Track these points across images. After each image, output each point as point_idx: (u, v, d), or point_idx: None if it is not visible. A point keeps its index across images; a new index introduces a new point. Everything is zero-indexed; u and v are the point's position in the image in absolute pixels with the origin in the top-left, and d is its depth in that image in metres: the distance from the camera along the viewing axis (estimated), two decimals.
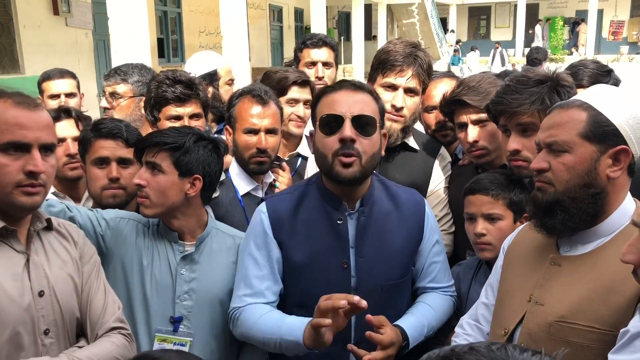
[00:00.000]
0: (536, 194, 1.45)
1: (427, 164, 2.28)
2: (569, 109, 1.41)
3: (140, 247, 1.81)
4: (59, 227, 1.56)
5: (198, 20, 13.58)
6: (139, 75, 2.79)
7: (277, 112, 2.21)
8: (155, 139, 1.79)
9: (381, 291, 1.74)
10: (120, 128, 2.01)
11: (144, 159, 1.79)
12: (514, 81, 1.84)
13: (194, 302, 1.80)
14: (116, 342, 1.51)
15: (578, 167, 1.38)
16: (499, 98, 1.83)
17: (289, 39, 19.23)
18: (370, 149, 1.67)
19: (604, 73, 2.64)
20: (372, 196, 1.76)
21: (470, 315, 1.71)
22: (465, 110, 2.06)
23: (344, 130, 1.64)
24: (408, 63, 2.19)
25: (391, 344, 1.63)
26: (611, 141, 1.38)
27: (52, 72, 3.41)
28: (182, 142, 1.76)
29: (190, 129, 1.89)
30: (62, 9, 9.28)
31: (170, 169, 1.76)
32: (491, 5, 30.28)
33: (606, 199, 1.40)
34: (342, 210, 1.73)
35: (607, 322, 1.31)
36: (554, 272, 1.45)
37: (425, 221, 1.84)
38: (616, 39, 27.54)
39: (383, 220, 1.76)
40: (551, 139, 1.41)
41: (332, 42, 3.15)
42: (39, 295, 1.43)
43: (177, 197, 1.77)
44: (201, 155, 1.79)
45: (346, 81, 1.76)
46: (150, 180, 1.75)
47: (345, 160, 1.64)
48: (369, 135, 1.67)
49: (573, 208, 1.39)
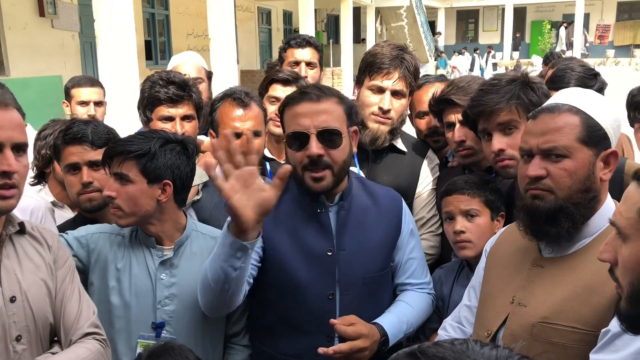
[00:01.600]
0: (535, 202, 1.41)
1: (414, 166, 2.30)
2: (561, 113, 1.40)
3: (116, 256, 1.79)
4: (33, 230, 1.53)
5: (186, 22, 13.55)
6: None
7: (260, 114, 2.19)
8: (119, 147, 1.74)
9: (362, 283, 1.75)
10: (85, 131, 1.96)
11: (112, 170, 1.76)
12: (486, 85, 1.89)
13: (175, 306, 1.77)
14: (91, 348, 1.48)
15: (579, 172, 1.37)
16: (475, 101, 1.86)
17: (278, 41, 19.22)
18: (340, 157, 1.68)
19: (590, 76, 2.66)
20: (350, 190, 1.79)
21: (453, 317, 1.71)
22: (453, 110, 2.07)
23: (310, 148, 1.65)
24: (395, 66, 2.20)
25: (359, 336, 1.65)
26: (602, 144, 1.39)
27: (83, 80, 3.55)
28: (148, 148, 1.72)
29: (155, 132, 1.84)
30: (48, 10, 9.20)
31: (138, 177, 1.72)
32: (479, 9, 30.49)
33: (599, 202, 1.40)
34: (322, 201, 1.75)
35: (589, 323, 1.31)
36: (536, 274, 1.46)
37: (402, 217, 1.87)
38: (602, 42, 27.86)
39: (362, 214, 1.79)
40: (550, 145, 1.39)
41: (316, 42, 3.14)
42: (11, 301, 1.40)
43: (149, 205, 1.74)
44: (169, 159, 1.75)
45: (307, 91, 1.74)
46: (120, 191, 1.72)
47: (314, 175, 1.66)
48: (336, 147, 1.67)
49: (577, 214, 1.38)
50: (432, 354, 0.65)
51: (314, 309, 1.71)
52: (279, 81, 2.54)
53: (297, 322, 1.73)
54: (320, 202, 1.74)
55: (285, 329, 1.76)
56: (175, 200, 1.81)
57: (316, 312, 1.71)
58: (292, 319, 1.74)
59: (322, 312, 1.71)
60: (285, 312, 1.75)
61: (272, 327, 1.80)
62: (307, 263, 1.72)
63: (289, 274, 1.72)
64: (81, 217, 2.05)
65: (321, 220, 1.74)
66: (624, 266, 1.01)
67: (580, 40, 24.57)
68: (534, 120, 1.45)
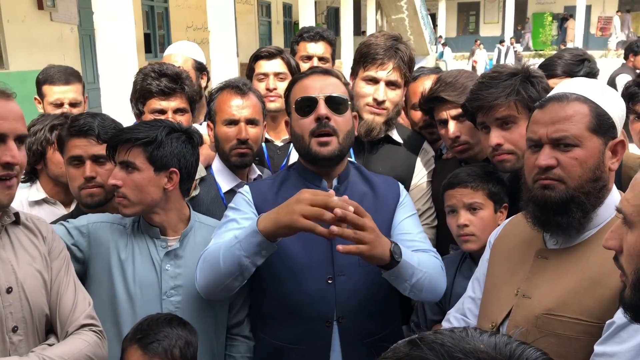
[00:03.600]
0: (545, 192, 1.39)
1: (410, 158, 2.29)
2: (569, 102, 1.39)
3: (118, 246, 1.78)
4: (27, 221, 1.53)
5: (185, 15, 13.50)
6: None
7: (258, 103, 2.17)
8: (126, 135, 1.73)
9: (359, 265, 1.71)
10: (92, 124, 1.94)
11: (117, 158, 1.74)
12: (486, 77, 1.88)
13: (182, 297, 1.77)
14: (87, 340, 1.48)
15: (589, 161, 1.36)
16: (475, 95, 1.85)
17: (278, 34, 19.19)
18: (345, 126, 1.75)
19: (576, 62, 2.64)
20: (347, 175, 1.82)
21: (457, 309, 1.70)
22: (444, 107, 2.08)
23: (318, 109, 1.72)
24: (389, 56, 2.19)
25: (371, 229, 1.49)
26: (610, 133, 1.39)
27: (56, 75, 2.86)
28: (155, 136, 1.71)
29: (161, 121, 1.84)
30: (47, 3, 9.16)
31: (145, 165, 1.71)
32: (480, 1, 30.40)
33: (607, 192, 1.40)
34: (322, 186, 1.76)
35: (593, 314, 1.31)
36: (541, 265, 1.45)
37: (400, 199, 1.86)
38: (604, 34, 27.74)
39: (360, 199, 1.75)
40: (560, 134, 1.37)
41: (329, 36, 3.04)
42: (7, 292, 1.40)
43: (156, 193, 1.74)
44: (175, 147, 1.75)
45: (316, 67, 1.84)
46: (126, 179, 1.71)
47: (322, 139, 1.71)
48: (342, 114, 1.75)
49: (588, 204, 1.37)
50: (431, 340, 0.66)
51: (312, 293, 1.71)
52: (262, 57, 2.57)
53: (296, 307, 1.73)
54: (320, 187, 1.74)
55: (284, 316, 1.76)
56: (180, 189, 1.80)
57: (315, 297, 1.70)
58: (292, 304, 1.73)
59: (320, 296, 1.70)
60: (285, 298, 1.74)
61: (271, 314, 1.80)
62: (306, 247, 1.71)
63: (288, 259, 1.72)
64: (79, 212, 2.00)
65: None
66: (629, 253, 1.00)
67: (581, 32, 24.44)
68: (542, 109, 1.43)
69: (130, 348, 1.56)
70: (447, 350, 0.64)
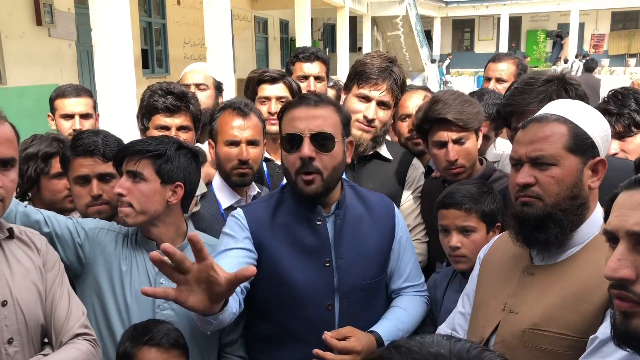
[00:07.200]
0: (524, 209, 1.43)
1: (399, 174, 2.33)
2: (548, 123, 1.43)
3: (120, 257, 1.81)
4: (21, 235, 1.55)
5: (183, 31, 13.57)
6: None
7: (259, 124, 2.21)
8: (137, 147, 1.78)
9: (360, 290, 1.77)
10: (97, 143, 1.98)
11: (125, 168, 1.78)
12: (522, 83, 1.91)
13: (172, 312, 1.78)
14: (81, 349, 1.50)
15: (566, 180, 1.40)
16: (508, 100, 1.89)
17: (275, 50, 19.28)
18: (331, 163, 1.70)
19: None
20: (345, 200, 1.81)
21: (447, 324, 1.72)
22: (446, 128, 2.01)
23: (302, 150, 1.67)
24: (383, 77, 2.24)
25: (349, 352, 1.65)
26: (590, 153, 1.42)
27: (68, 89, 2.99)
28: (164, 150, 1.77)
29: (169, 137, 1.89)
30: (45, 19, 9.21)
31: (152, 176, 1.75)
32: (475, 18, 30.66)
33: (588, 210, 1.43)
34: (319, 212, 1.75)
35: (577, 329, 1.33)
36: (527, 281, 1.47)
37: (395, 222, 1.89)
38: (597, 51, 28.02)
39: (357, 222, 1.80)
40: (537, 153, 1.41)
41: (323, 56, 3.16)
42: (2, 305, 1.42)
43: (160, 204, 1.77)
44: (182, 163, 1.80)
45: (307, 96, 1.79)
46: (132, 189, 1.75)
47: (306, 178, 1.68)
48: (328, 151, 1.69)
49: (565, 220, 1.40)
50: (400, 344, 0.74)
51: (313, 319, 1.72)
52: (266, 81, 2.60)
53: (296, 332, 1.74)
54: (317, 213, 1.75)
55: (284, 339, 1.76)
56: (181, 205, 1.84)
57: (315, 323, 1.71)
58: (291, 329, 1.74)
59: (321, 322, 1.71)
60: (284, 323, 1.75)
61: (270, 337, 1.80)
62: (306, 274, 1.72)
63: (288, 286, 1.72)
64: None
65: (319, 230, 1.74)
66: None
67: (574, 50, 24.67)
68: (524, 130, 1.48)
69: (140, 352, 1.61)
70: (411, 352, 0.72)
